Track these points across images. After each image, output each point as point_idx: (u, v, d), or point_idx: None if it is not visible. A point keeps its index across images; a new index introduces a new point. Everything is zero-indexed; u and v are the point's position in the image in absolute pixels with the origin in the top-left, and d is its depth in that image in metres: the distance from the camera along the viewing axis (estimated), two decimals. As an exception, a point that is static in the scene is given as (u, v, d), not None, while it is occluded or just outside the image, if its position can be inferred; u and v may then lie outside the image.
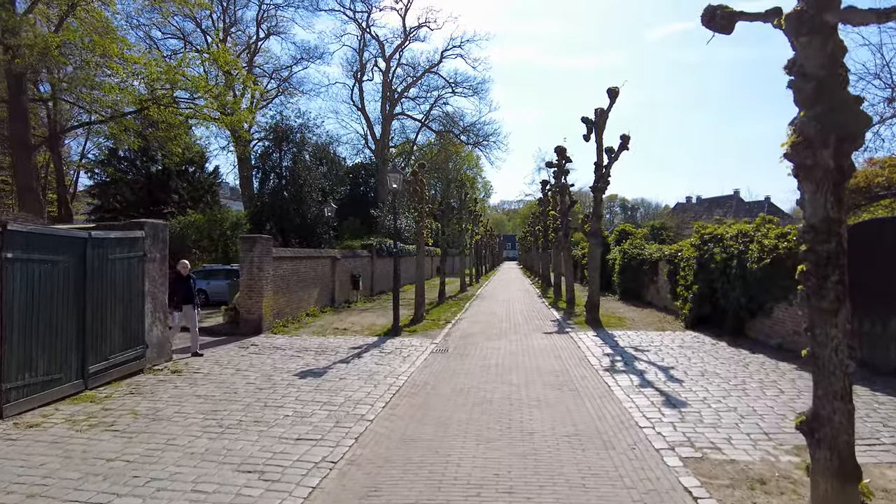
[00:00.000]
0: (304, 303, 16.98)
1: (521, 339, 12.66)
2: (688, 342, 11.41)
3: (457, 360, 10.36)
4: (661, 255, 17.83)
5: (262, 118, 38.05)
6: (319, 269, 18.44)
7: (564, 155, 20.72)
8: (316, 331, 14.19)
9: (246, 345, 12.12)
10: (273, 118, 33.86)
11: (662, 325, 14.26)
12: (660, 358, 9.84)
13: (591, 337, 12.51)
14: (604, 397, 7.43)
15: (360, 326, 15.01)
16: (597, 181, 14.75)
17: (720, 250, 12.20)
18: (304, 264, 17.05)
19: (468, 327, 14.85)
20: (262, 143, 33.40)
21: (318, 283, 18.25)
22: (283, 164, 32.79)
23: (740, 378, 8.16)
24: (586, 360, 10.01)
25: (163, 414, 6.84)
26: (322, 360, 10.36)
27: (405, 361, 10.17)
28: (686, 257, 14.45)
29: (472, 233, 37.10)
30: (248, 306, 13.82)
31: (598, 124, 14.88)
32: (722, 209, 53.74)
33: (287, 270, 15.81)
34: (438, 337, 13.11)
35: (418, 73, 37.29)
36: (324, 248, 22.15)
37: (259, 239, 13.92)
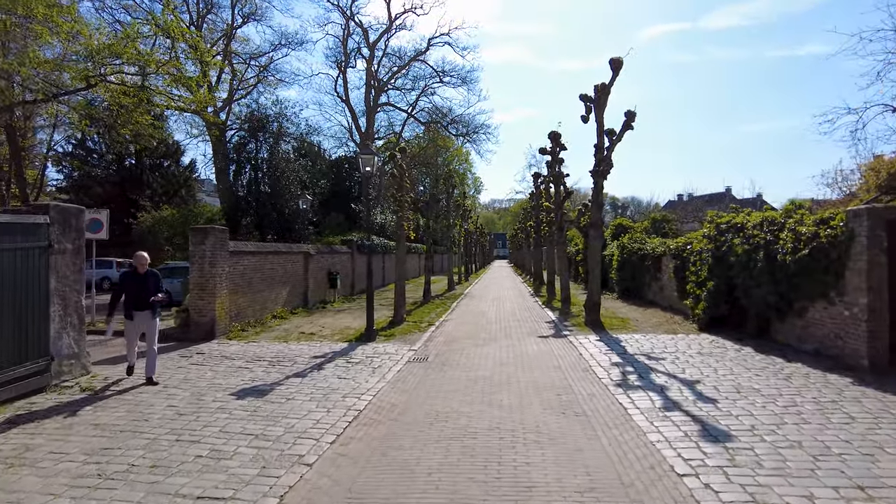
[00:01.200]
0: (270, 303, 15.18)
1: (514, 344, 10.97)
2: (707, 348, 9.78)
3: (437, 371, 8.64)
4: (666, 250, 16.24)
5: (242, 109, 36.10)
6: (290, 266, 16.64)
7: (559, 141, 19.07)
8: (279, 335, 12.41)
9: (190, 353, 10.33)
10: (249, 107, 31.89)
11: (672, 326, 12.65)
12: (679, 368, 8.19)
13: (594, 342, 10.85)
14: (621, 425, 5.75)
15: (330, 330, 13.24)
16: (597, 165, 13.10)
17: (741, 241, 10.60)
18: (270, 260, 15.24)
19: (454, 330, 13.14)
20: (239, 134, 31.45)
21: (287, 282, 16.45)
22: (260, 155, 30.88)
23: (788, 397, 6.51)
24: (592, 371, 8.34)
25: (32, 456, 5.05)
26: (274, 372, 8.61)
27: (374, 374, 8.44)
28: (697, 250, 12.85)
29: (461, 229, 35.40)
30: (200, 308, 12.01)
31: (599, 102, 13.23)
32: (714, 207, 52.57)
33: (249, 267, 14.01)
34: (418, 342, 11.39)
35: (404, 62, 35.51)
36: (298, 244, 20.31)
37: (211, 230, 12.11)
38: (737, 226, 11.03)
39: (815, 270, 8.48)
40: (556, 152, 19.11)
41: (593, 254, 13.44)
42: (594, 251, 13.44)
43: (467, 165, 68.69)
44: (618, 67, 12.61)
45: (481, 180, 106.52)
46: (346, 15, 37.17)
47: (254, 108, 30.91)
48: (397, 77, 39.10)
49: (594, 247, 13.46)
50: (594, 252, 13.43)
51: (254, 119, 29.47)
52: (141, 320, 8.01)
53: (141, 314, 7.99)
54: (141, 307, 7.93)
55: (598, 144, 13.33)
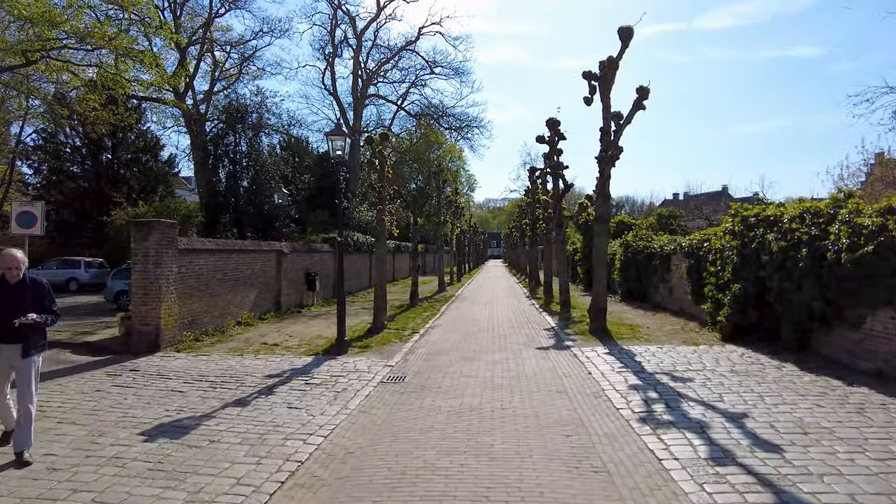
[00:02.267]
0: (233, 308, 13.45)
1: (509, 358, 9.30)
2: (740, 364, 8.15)
3: (413, 398, 6.97)
4: (677, 248, 14.65)
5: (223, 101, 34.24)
6: (258, 267, 14.91)
7: (557, 130, 17.44)
8: (236, 347, 10.70)
9: (122, 371, 8.60)
10: (228, 97, 30.09)
11: (689, 335, 11.03)
12: (714, 394, 6.56)
13: (603, 356, 9.20)
14: (658, 489, 4.11)
15: (298, 340, 11.54)
16: (604, 150, 11.47)
17: (775, 237, 8.99)
18: (234, 260, 13.51)
19: (440, 340, 11.47)
20: (217, 126, 29.65)
21: (255, 284, 14.72)
22: (239, 148, 29.09)
23: (879, 443, 4.88)
24: (606, 397, 6.68)
25: None
26: (211, 399, 6.92)
27: (334, 402, 6.77)
28: (718, 248, 11.25)
29: (454, 227, 33.74)
30: (142, 314, 10.28)
31: (605, 79, 11.61)
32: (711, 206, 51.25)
33: (207, 267, 12.28)
34: (397, 356, 9.71)
35: (394, 52, 33.77)
36: (269, 241, 18.53)
37: (156, 225, 10.38)
38: (769, 219, 9.42)
39: (882, 272, 6.87)
40: (555, 141, 17.48)
41: (599, 252, 11.81)
42: (600, 249, 11.81)
43: (460, 163, 67.10)
44: (627, 37, 10.98)
45: (475, 178, 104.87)
46: (334, 4, 35.44)
47: (232, 98, 29.09)
48: (387, 70, 37.40)
49: (600, 244, 11.83)
50: (600, 250, 11.80)
51: (231, 109, 27.66)
52: (8, 357, 4.96)
53: (8, 348, 4.92)
54: (6, 337, 4.86)
55: (605, 128, 11.70)
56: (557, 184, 17.60)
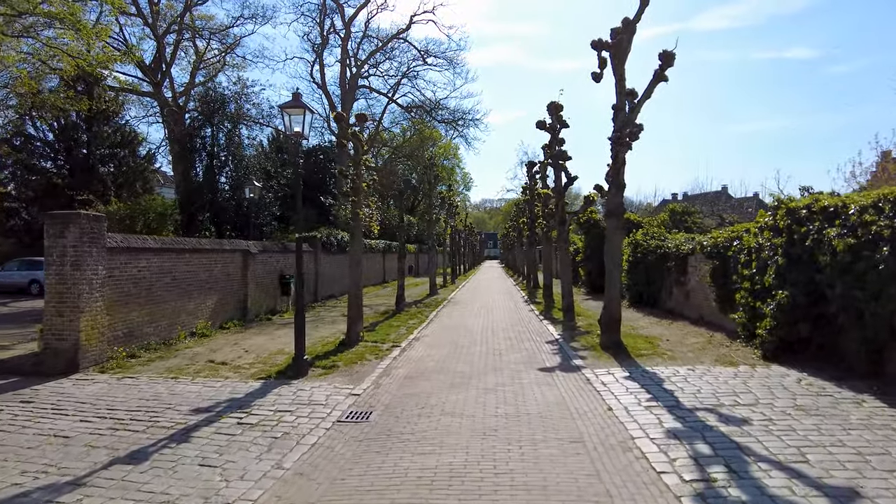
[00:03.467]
0: (185, 317, 11.57)
1: (506, 385, 7.46)
2: (802, 396, 6.33)
3: (374, 451, 5.12)
4: (697, 247, 12.85)
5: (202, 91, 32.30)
6: (219, 269, 13.03)
7: (560, 116, 15.62)
8: (176, 366, 8.83)
9: (10, 401, 6.73)
10: (204, 86, 28.18)
11: (720, 351, 9.21)
12: (790, 447, 4.74)
13: (623, 380, 7.37)
14: None
15: (254, 356, 9.68)
16: (618, 130, 9.65)
17: (839, 232, 7.18)
18: (186, 261, 11.64)
19: (424, 356, 9.62)
20: (192, 116, 27.76)
21: (216, 288, 12.85)
22: (218, 141, 27.21)
23: None
24: (639, 453, 4.85)
25: None
26: (101, 448, 5.08)
27: (266, 456, 4.93)
28: (753, 247, 9.45)
29: (447, 226, 31.90)
30: (57, 328, 8.40)
31: (619, 47, 9.80)
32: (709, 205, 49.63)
33: (150, 269, 10.41)
34: (367, 379, 7.86)
35: (385, 40, 31.94)
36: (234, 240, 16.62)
37: (74, 217, 8.49)
38: (828, 211, 7.60)
39: None
40: (557, 129, 15.65)
41: (612, 252, 9.98)
42: (614, 248, 9.98)
43: (456, 160, 65.31)
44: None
45: (471, 176, 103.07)
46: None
47: (209, 86, 27.19)
48: (378, 61, 35.50)
49: (613, 242, 10.00)
50: (614, 250, 9.97)
51: (208, 99, 25.76)
52: None
53: None
54: None
55: (619, 104, 9.89)
56: (559, 176, 15.76)
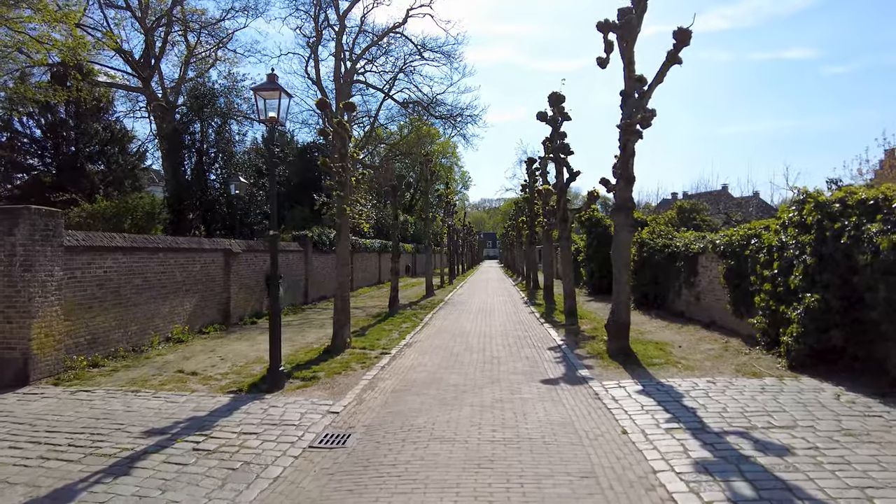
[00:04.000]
0: (159, 321, 10.73)
1: (504, 402, 6.63)
2: (847, 417, 5.50)
3: (348, 487, 4.30)
4: (709, 246, 12.04)
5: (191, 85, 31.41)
6: (198, 269, 12.19)
7: (561, 107, 14.80)
8: (141, 377, 8.00)
9: (-62, 423, 5.89)
10: (193, 79, 27.32)
11: (739, 360, 8.39)
12: (852, 488, 3.91)
13: (636, 395, 6.55)
14: None
15: (229, 365, 8.85)
16: (628, 116, 8.82)
17: (882, 229, 6.36)
18: (159, 260, 10.80)
19: (416, 365, 8.79)
20: (181, 111, 26.90)
21: (194, 290, 12.01)
22: (208, 137, 26.37)
23: None
24: (664, 493, 4.01)
25: None
26: (19, 487, 4.24)
27: (217, 495, 4.11)
28: (775, 246, 8.63)
29: (444, 224, 31.07)
30: (5, 336, 7.56)
31: (628, 27, 8.97)
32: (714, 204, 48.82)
33: (118, 270, 9.57)
34: (350, 393, 7.03)
35: (380, 34, 31.07)
36: (214, 238, 15.72)
37: (24, 213, 7.64)
38: (867, 204, 6.78)
39: None
40: (558, 122, 14.83)
41: (620, 251, 9.15)
42: (622, 247, 9.16)
43: (454, 159, 64.51)
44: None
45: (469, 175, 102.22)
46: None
47: (199, 80, 26.33)
48: (375, 56, 34.62)
49: (622, 240, 9.17)
50: (622, 248, 9.15)
51: (197, 94, 24.91)
52: None
53: None
54: None
55: (628, 89, 9.06)
56: (561, 172, 14.93)
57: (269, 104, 7.60)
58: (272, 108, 7.57)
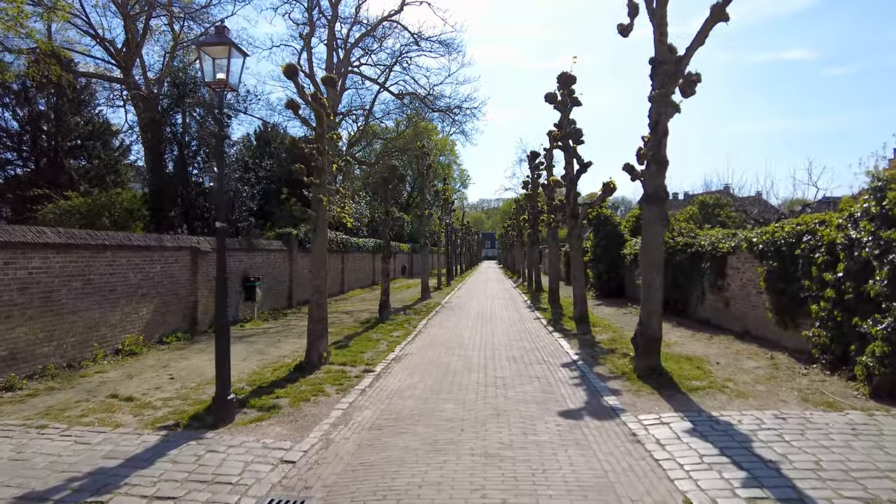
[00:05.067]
0: (107, 331, 9.16)
1: (515, 447, 5.06)
2: None
3: None
4: (743, 244, 10.51)
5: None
6: (158, 270, 10.63)
7: (572, 90, 13.28)
8: (62, 404, 6.44)
9: None
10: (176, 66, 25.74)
11: (799, 383, 6.85)
12: None
13: (688, 437, 5.00)
14: None
15: (176, 387, 7.28)
16: (660, 86, 7.28)
17: None
18: (108, 260, 9.23)
19: (402, 389, 7.23)
20: (163, 103, 25.33)
21: (153, 294, 10.44)
22: (191, 129, 24.82)
23: None
24: None
25: None
26: None
27: None
28: (839, 244, 7.10)
29: (442, 223, 29.52)
30: None
31: (661, -20, 7.42)
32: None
33: (50, 272, 8.00)
34: (315, 431, 5.48)
35: (375, 22, 29.46)
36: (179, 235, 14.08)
37: None
38: None
39: None
40: (568, 106, 13.29)
41: (652, 249, 7.58)
42: (653, 244, 7.58)
43: (452, 157, 63.00)
44: None
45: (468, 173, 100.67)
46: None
47: (178, 67, 24.75)
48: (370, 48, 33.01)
49: (651, 237, 7.60)
50: (653, 246, 7.58)
51: (178, 82, 23.34)
52: None
53: None
54: None
55: (659, 55, 7.52)
56: (571, 163, 13.40)
57: (217, 64, 6.04)
58: (221, 69, 6.01)
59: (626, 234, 19.69)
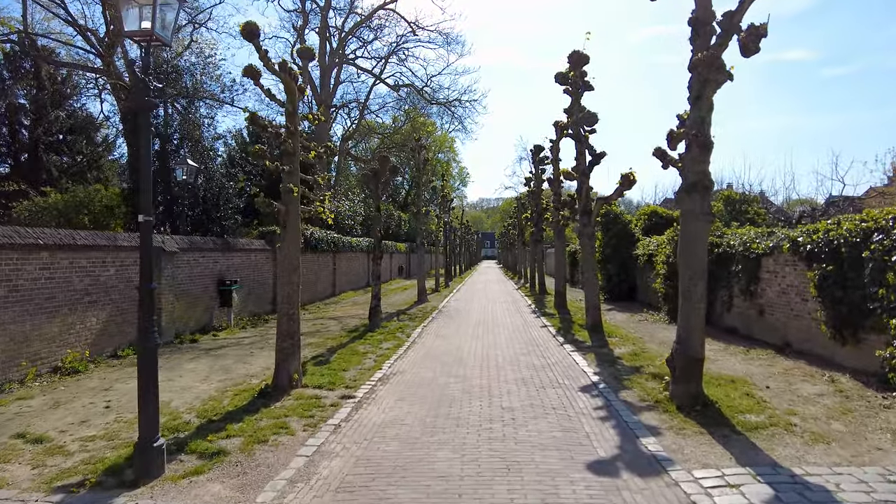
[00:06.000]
0: (42, 346, 7.77)
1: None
2: None
3: None
4: (784, 244, 9.13)
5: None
6: (110, 274, 9.23)
7: (583, 70, 11.89)
8: (-54, 449, 5.03)
9: None
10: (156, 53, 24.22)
11: (886, 418, 5.47)
12: None
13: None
14: None
15: (104, 423, 5.89)
16: (703, 48, 5.89)
17: None
18: (42, 263, 7.84)
19: (386, 425, 5.83)
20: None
21: (104, 302, 9.04)
22: (173, 121, 23.38)
23: None
24: None
25: None
26: None
27: None
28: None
29: (439, 220, 28.13)
30: None
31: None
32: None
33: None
34: (264, 492, 4.08)
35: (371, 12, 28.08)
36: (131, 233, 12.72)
37: None
38: None
39: None
40: (579, 89, 11.90)
41: (694, 249, 6.18)
42: (696, 243, 6.18)
43: (452, 154, 61.61)
44: None
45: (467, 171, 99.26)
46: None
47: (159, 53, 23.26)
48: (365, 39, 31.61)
49: (696, 235, 6.20)
50: (697, 245, 6.18)
51: (159, 70, 21.90)
52: None
53: None
54: None
55: (699, 14, 6.14)
56: (583, 153, 12.00)
57: (143, 11, 4.64)
58: (146, 17, 4.61)
59: (638, 232, 18.33)
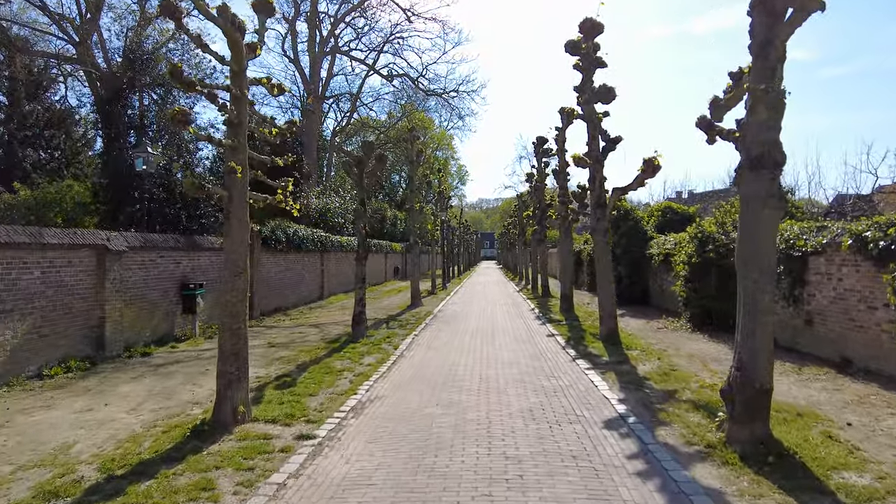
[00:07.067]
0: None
1: None
2: None
3: None
4: (845, 240, 7.62)
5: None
6: (34, 277, 7.69)
7: (596, 43, 10.38)
8: None
9: None
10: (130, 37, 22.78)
11: None
12: None
13: None
14: None
15: (-31, 479, 4.32)
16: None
17: None
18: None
19: (346, 484, 4.29)
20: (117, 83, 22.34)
21: (25, 311, 7.51)
22: (150, 111, 21.89)
23: None
24: None
25: None
26: None
27: None
28: None
29: (436, 218, 26.59)
30: None
31: None
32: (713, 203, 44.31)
33: None
34: None
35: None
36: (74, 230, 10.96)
37: None
38: None
39: None
40: (592, 64, 10.37)
41: (760, 244, 4.67)
42: (763, 236, 4.67)
43: (450, 151, 60.12)
44: None
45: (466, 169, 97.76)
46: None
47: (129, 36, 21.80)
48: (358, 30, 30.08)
49: (763, 225, 4.69)
50: (763, 239, 4.66)
51: (132, 56, 20.36)
52: None
53: None
54: None
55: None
56: (595, 138, 10.47)
57: None
58: None
59: (651, 230, 16.82)
